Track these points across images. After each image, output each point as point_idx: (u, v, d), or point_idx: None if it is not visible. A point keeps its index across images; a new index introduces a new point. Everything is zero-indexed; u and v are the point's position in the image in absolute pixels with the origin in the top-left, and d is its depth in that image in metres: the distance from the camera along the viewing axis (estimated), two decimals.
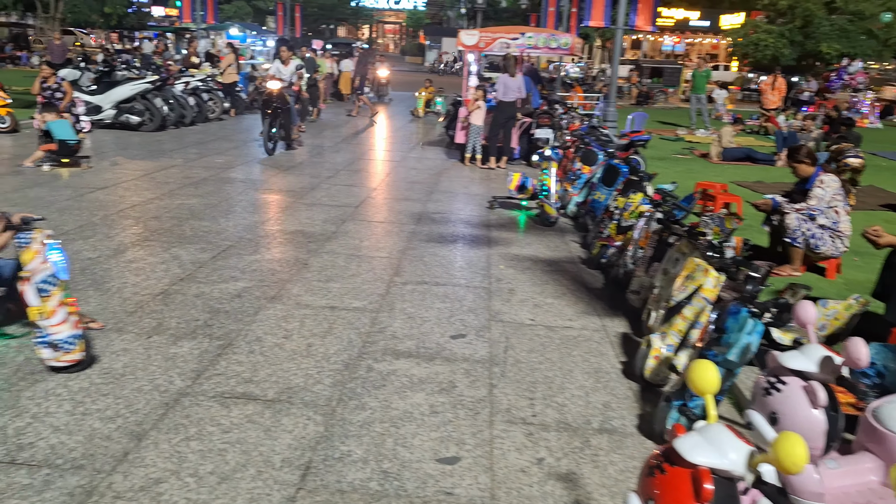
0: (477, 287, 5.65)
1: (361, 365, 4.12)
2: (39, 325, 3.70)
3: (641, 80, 33.05)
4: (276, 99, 11.53)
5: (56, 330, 3.71)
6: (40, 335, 3.71)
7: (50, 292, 3.72)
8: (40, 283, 3.72)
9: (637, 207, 6.08)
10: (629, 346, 4.71)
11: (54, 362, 3.75)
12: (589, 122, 11.60)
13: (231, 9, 40.28)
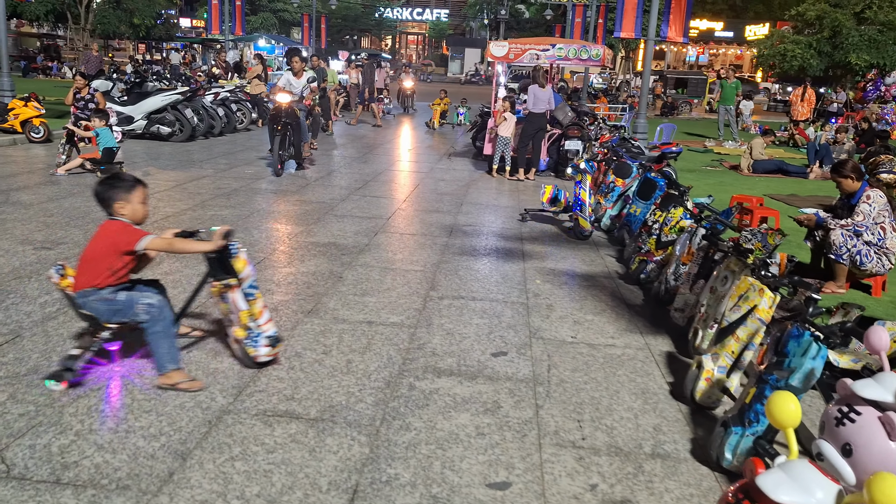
0: (514, 302, 5.56)
1: (403, 383, 4.04)
2: (250, 326, 3.97)
3: (666, 90, 32.86)
4: (284, 114, 10.54)
5: (266, 328, 4.03)
6: (252, 336, 3.99)
7: (255, 295, 4.05)
8: (247, 288, 4.02)
9: (678, 222, 5.97)
10: (675, 365, 4.59)
11: (267, 357, 4.06)
12: (619, 134, 11.49)
13: (257, 20, 40.61)
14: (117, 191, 3.72)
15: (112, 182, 3.75)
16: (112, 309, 3.69)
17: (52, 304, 4.89)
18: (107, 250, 3.68)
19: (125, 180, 3.80)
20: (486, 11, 61.53)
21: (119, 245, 3.67)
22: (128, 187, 3.75)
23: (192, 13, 47.59)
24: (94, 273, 3.66)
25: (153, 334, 3.73)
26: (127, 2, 31.54)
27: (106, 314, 3.69)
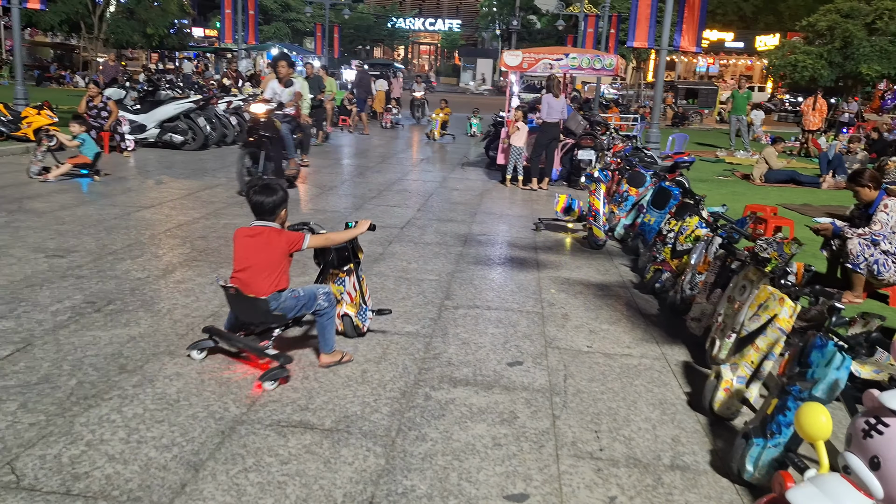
0: (530, 312, 5.51)
1: (419, 393, 3.99)
2: (362, 304, 4.63)
3: (677, 101, 32.80)
4: (262, 126, 9.15)
5: (370, 304, 4.78)
6: (362, 311, 4.64)
7: (362, 277, 4.69)
8: (360, 272, 4.68)
9: (693, 231, 5.91)
10: (692, 375, 4.53)
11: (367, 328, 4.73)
12: (632, 144, 11.44)
13: (270, 29, 40.85)
14: (285, 198, 4.10)
15: (279, 190, 4.06)
16: (299, 304, 4.05)
17: (63, 312, 4.87)
18: (281, 255, 4.01)
19: (285, 189, 4.16)
20: (498, 22, 61.68)
21: (290, 247, 4.04)
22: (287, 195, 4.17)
23: (206, 22, 47.89)
24: (277, 277, 4.00)
25: (328, 319, 4.18)
26: (140, 12, 31.79)
27: (294, 310, 4.04)
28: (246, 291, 3.93)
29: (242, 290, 3.94)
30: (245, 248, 4.03)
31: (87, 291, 5.33)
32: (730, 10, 43.57)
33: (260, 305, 3.94)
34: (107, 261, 6.14)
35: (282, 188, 4.09)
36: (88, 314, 4.87)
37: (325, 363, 4.23)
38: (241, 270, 4.00)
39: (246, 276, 3.97)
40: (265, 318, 4.05)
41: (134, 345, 4.41)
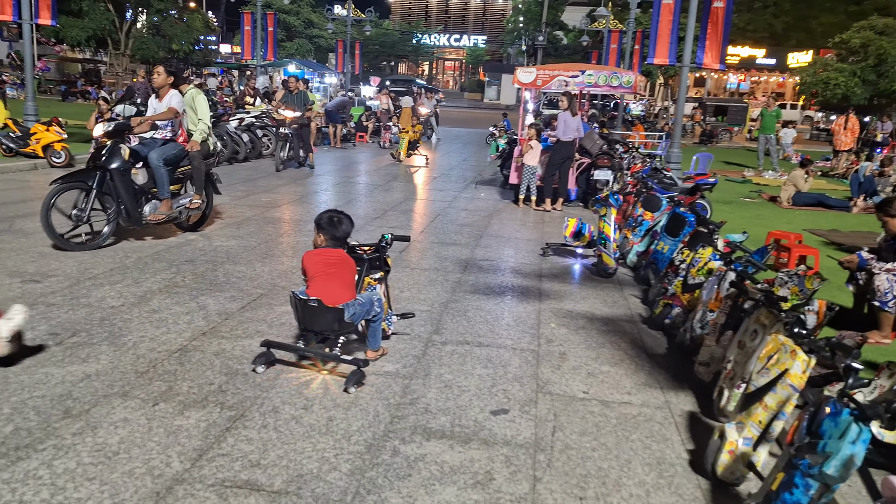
0: (524, 349, 5.09)
1: (386, 447, 3.60)
2: (389, 309, 4.94)
3: (705, 118, 32.19)
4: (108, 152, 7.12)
5: (394, 309, 5.28)
6: (388, 317, 4.92)
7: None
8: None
9: (706, 264, 5.46)
10: (697, 428, 4.08)
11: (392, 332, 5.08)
12: (651, 164, 10.99)
13: (293, 46, 40.96)
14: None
15: (348, 219, 4.53)
16: (363, 310, 4.39)
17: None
18: (352, 273, 4.52)
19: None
20: (523, 38, 61.47)
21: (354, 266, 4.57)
22: None
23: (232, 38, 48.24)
24: (350, 290, 4.43)
25: (379, 322, 4.57)
26: (166, 28, 32.01)
27: (360, 316, 4.38)
28: (327, 303, 4.25)
29: (324, 302, 4.25)
30: (322, 265, 4.41)
31: (54, 321, 5.03)
32: (760, 26, 42.81)
33: (335, 313, 4.28)
34: (83, 286, 5.84)
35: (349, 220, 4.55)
36: (48, 348, 4.56)
37: (373, 357, 4.63)
38: (319, 285, 4.35)
39: (328, 291, 4.30)
40: (340, 327, 4.36)
41: (87, 384, 4.08)
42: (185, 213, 7.90)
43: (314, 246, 4.57)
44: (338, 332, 4.44)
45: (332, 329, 4.41)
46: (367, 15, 37.72)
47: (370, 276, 4.87)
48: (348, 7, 34.68)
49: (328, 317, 4.31)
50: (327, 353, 4.46)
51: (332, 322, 4.33)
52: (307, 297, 4.30)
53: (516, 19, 62.54)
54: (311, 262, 4.45)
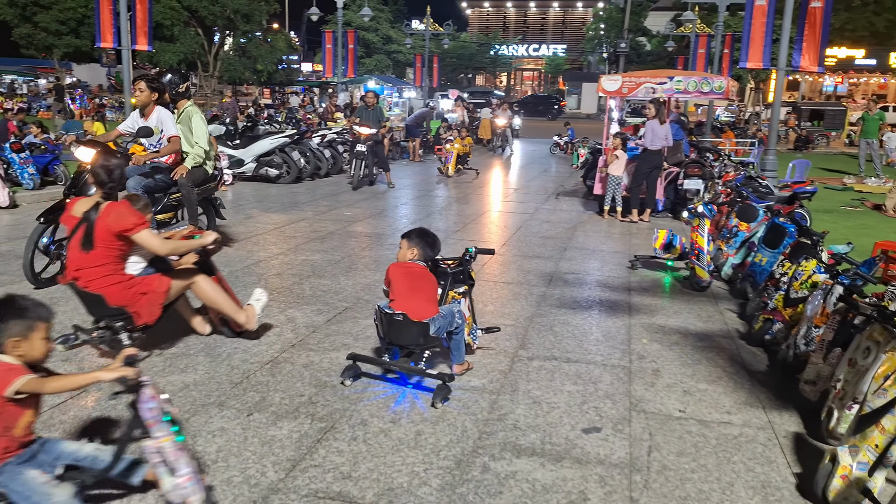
0: (615, 366, 4.94)
1: (476, 463, 3.53)
2: (473, 324, 4.90)
3: (800, 123, 30.95)
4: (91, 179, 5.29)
5: (480, 324, 5.18)
6: (473, 331, 4.87)
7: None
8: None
9: (810, 276, 5.18)
10: (804, 451, 3.84)
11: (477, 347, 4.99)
12: (745, 172, 10.59)
13: (372, 62, 41.71)
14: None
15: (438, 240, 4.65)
16: (446, 322, 4.34)
17: None
18: (435, 287, 4.50)
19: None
20: (605, 45, 60.71)
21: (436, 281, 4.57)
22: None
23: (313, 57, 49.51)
24: (434, 305, 4.39)
25: (461, 334, 4.50)
26: (251, 49, 33.14)
27: (443, 329, 4.33)
28: (412, 317, 4.22)
29: (410, 316, 4.22)
30: (407, 278, 4.43)
31: (156, 335, 5.18)
32: (860, 25, 40.82)
33: (423, 327, 4.24)
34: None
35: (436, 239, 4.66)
36: (150, 359, 4.71)
37: (459, 371, 4.59)
38: (404, 299, 4.34)
39: (416, 306, 4.27)
40: (425, 341, 4.34)
41: (186, 393, 4.19)
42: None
43: (398, 259, 4.58)
44: (423, 346, 4.41)
45: (418, 343, 4.38)
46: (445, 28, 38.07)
47: (454, 290, 4.82)
48: (426, 21, 35.07)
49: (413, 331, 4.29)
50: (412, 368, 4.43)
51: (417, 336, 4.31)
52: (392, 311, 4.30)
53: (597, 26, 61.80)
54: (396, 274, 4.47)
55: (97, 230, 4.27)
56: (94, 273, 4.33)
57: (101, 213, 4.27)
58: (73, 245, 4.36)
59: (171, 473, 2.78)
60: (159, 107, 6.88)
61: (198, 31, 31.20)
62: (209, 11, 30.15)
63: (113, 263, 4.40)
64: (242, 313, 4.95)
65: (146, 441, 2.78)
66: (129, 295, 4.40)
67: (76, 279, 4.39)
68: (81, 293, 4.47)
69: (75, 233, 4.34)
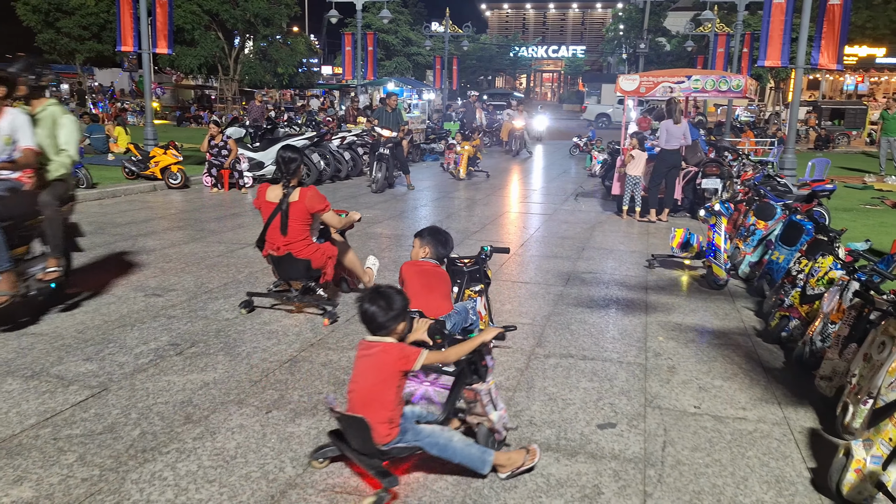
0: (631, 363, 4.97)
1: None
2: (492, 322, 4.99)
3: (820, 122, 30.67)
4: None
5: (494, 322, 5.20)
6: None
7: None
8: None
9: (826, 273, 5.18)
10: (819, 446, 3.86)
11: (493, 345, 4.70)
12: (763, 171, 10.55)
13: (392, 64, 41.84)
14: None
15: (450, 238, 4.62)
16: (460, 319, 4.34)
17: (146, 354, 4.83)
18: (448, 285, 4.56)
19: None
20: (624, 46, 60.42)
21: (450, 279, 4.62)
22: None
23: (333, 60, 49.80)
24: (449, 302, 4.45)
25: (476, 331, 4.43)
26: (272, 52, 33.40)
27: (458, 325, 4.32)
28: (428, 315, 4.10)
29: (425, 314, 4.11)
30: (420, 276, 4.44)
31: (174, 332, 5.29)
32: (881, 23, 40.34)
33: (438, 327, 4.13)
34: (200, 300, 6.14)
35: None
36: (169, 357, 4.80)
37: None
38: (419, 297, 4.21)
39: (433, 307, 4.21)
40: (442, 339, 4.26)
41: (205, 392, 4.27)
42: (34, 286, 5.47)
43: (411, 258, 4.64)
44: (440, 344, 4.45)
45: (434, 341, 4.42)
46: (464, 30, 38.10)
47: (470, 288, 4.86)
48: (446, 24, 35.14)
49: (430, 329, 4.33)
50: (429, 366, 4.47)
51: (433, 333, 4.35)
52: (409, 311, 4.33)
53: (616, 27, 61.51)
54: (409, 273, 4.52)
55: (293, 211, 5.49)
56: (302, 244, 5.60)
57: (299, 198, 5.51)
58: (275, 225, 5.59)
59: (495, 408, 3.49)
60: (10, 108, 5.28)
61: (218, 34, 31.50)
62: (230, 15, 30.43)
63: (310, 236, 5.70)
64: (366, 275, 6.20)
65: (481, 385, 3.45)
66: (323, 259, 5.69)
67: (290, 251, 5.58)
68: (293, 260, 5.61)
69: (275, 215, 5.57)
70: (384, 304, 3.26)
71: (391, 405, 3.22)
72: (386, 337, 3.29)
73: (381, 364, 3.24)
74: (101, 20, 31.05)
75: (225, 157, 12.71)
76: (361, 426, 3.16)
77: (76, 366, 4.59)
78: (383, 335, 3.30)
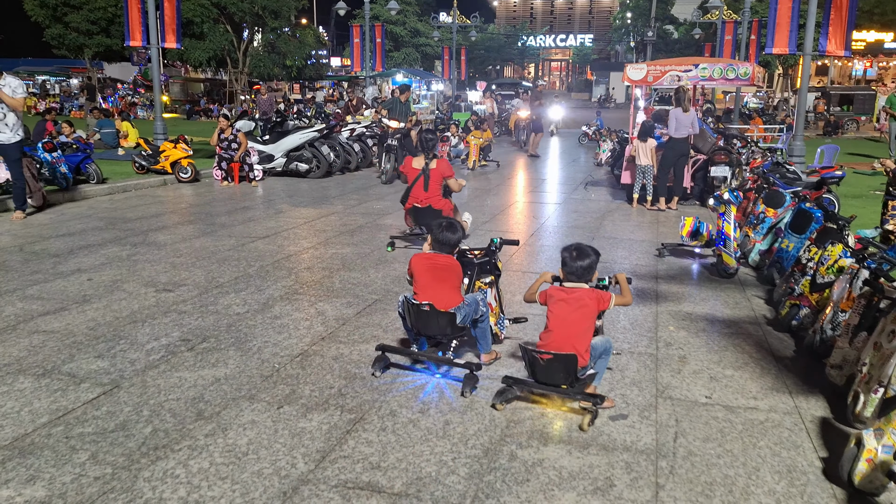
0: (642, 353, 4.97)
1: (503, 451, 3.59)
2: (501, 314, 4.96)
3: (829, 108, 30.45)
4: None
5: (507, 314, 5.16)
6: (500, 321, 4.94)
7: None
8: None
9: (836, 261, 5.15)
10: (830, 435, 3.85)
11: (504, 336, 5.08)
12: (772, 158, 10.49)
13: (400, 56, 41.78)
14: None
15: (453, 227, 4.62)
16: (470, 310, 4.42)
17: (157, 350, 4.86)
18: (459, 277, 4.58)
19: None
20: (632, 34, 60.13)
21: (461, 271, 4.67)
22: None
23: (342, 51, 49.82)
24: (458, 294, 4.52)
25: (486, 322, 4.57)
26: (280, 45, 33.42)
27: (469, 317, 4.42)
28: (439, 307, 4.33)
29: (436, 306, 4.33)
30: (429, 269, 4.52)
31: (186, 328, 5.32)
32: (889, 8, 39.96)
33: (449, 319, 4.33)
34: (211, 295, 6.16)
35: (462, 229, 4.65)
36: (181, 353, 4.83)
37: (486, 361, 4.66)
38: (429, 289, 4.44)
39: (435, 294, 4.39)
40: (452, 331, 4.41)
41: (217, 388, 4.29)
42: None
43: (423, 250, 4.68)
44: (450, 336, 4.47)
45: (445, 333, 4.45)
46: (472, 21, 37.97)
47: (480, 279, 4.87)
48: (453, 14, 35.04)
49: (441, 321, 4.36)
50: (440, 357, 4.50)
51: (444, 326, 4.39)
52: (419, 303, 4.37)
53: (624, 15, 61.21)
54: (419, 265, 4.56)
55: (433, 175, 7.69)
56: (437, 198, 7.74)
57: (436, 166, 7.76)
58: (419, 185, 7.74)
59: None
60: None
61: (227, 27, 31.56)
62: (238, 8, 30.49)
63: (442, 194, 7.81)
64: (465, 224, 7.35)
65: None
66: (448, 210, 7.71)
67: (430, 203, 7.68)
68: (432, 210, 7.60)
69: (419, 178, 7.74)
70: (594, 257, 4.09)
71: (589, 338, 3.95)
72: (583, 284, 4.04)
73: (584, 305, 3.98)
74: (109, 14, 31.17)
75: (235, 151, 12.74)
76: (570, 361, 3.79)
77: (88, 363, 4.63)
78: (583, 283, 4.06)
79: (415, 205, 7.76)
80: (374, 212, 10.36)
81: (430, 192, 7.69)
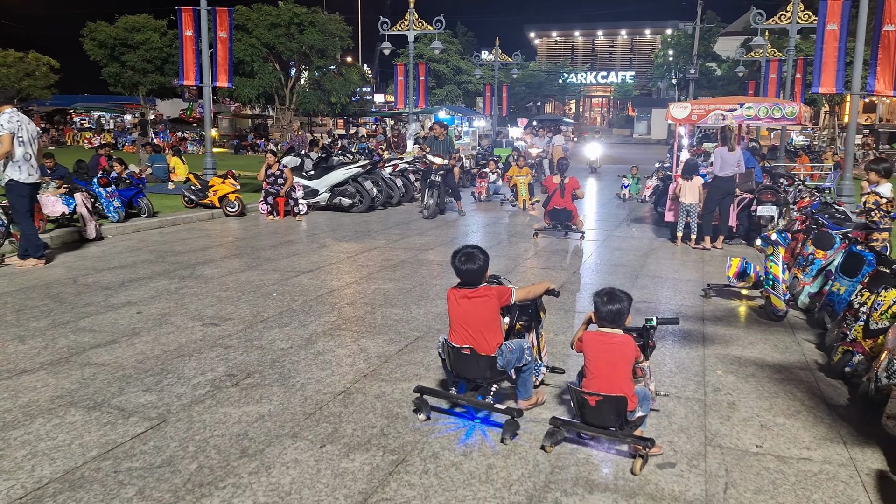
0: (689, 398, 4.87)
1: (548, 498, 3.53)
2: (538, 359, 4.81)
3: (878, 146, 29.87)
4: None
5: (545, 360, 4.99)
6: (537, 367, 4.77)
7: (542, 334, 4.98)
8: (540, 329, 4.93)
9: (890, 307, 5.01)
10: (888, 489, 3.71)
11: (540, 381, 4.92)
12: (821, 198, 10.30)
13: (443, 92, 42.32)
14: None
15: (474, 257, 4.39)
16: (514, 357, 4.32)
17: (203, 385, 4.91)
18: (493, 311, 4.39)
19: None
20: (674, 71, 59.99)
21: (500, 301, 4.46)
22: None
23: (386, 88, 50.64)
24: (497, 332, 4.39)
25: (530, 372, 4.50)
26: (325, 82, 34.16)
27: (511, 363, 4.33)
28: (478, 350, 4.28)
29: (476, 350, 4.28)
30: (464, 308, 4.39)
31: (231, 363, 5.38)
32: None
33: (490, 362, 4.29)
34: (256, 329, 6.23)
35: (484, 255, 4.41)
36: (226, 388, 4.88)
37: (526, 406, 4.52)
38: (465, 331, 4.35)
39: (474, 336, 4.32)
40: (493, 375, 4.36)
41: (261, 424, 4.32)
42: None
43: None
44: (490, 379, 4.42)
45: (485, 377, 4.40)
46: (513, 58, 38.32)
47: (520, 322, 4.78)
48: (495, 52, 35.40)
49: (481, 364, 4.32)
50: (480, 402, 4.43)
51: (484, 370, 4.34)
52: (459, 346, 4.34)
53: (666, 53, 61.16)
54: (452, 300, 4.46)
55: (567, 187, 11.12)
56: (570, 203, 11.17)
57: (569, 181, 11.15)
58: (557, 194, 11.20)
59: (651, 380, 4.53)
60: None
61: (275, 66, 32.51)
62: (286, 47, 31.47)
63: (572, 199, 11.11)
64: (581, 223, 11.42)
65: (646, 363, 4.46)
66: (576, 213, 11.32)
67: (565, 206, 11.11)
68: (567, 211, 11.16)
69: (556, 190, 11.20)
70: (627, 302, 4.11)
71: (632, 383, 4.01)
72: (618, 329, 4.06)
73: (624, 352, 3.98)
74: (164, 54, 32.47)
75: (281, 186, 12.97)
76: (621, 403, 3.82)
77: (136, 396, 4.70)
78: (616, 328, 4.07)
79: (554, 207, 11.11)
80: (416, 247, 10.41)
81: (565, 199, 11.06)
